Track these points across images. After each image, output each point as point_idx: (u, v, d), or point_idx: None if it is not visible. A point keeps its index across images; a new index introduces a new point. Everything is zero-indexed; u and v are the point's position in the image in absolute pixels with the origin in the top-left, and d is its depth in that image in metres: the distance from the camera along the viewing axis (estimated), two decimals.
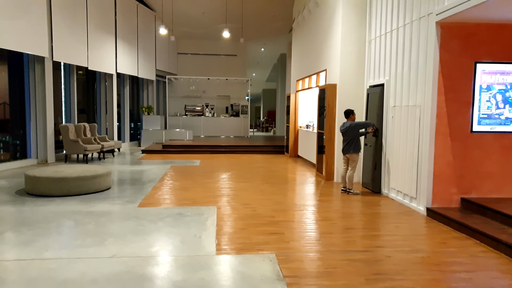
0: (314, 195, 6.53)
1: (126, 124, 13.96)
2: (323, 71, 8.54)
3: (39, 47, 8.90)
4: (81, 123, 10.46)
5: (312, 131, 9.80)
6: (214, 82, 17.77)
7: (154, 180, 7.47)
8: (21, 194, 6.07)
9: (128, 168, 8.95)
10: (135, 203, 5.62)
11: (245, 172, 8.68)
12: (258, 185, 7.11)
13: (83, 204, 5.48)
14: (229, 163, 10.06)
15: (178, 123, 16.10)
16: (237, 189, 6.75)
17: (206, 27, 16.06)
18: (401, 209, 5.54)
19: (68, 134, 9.61)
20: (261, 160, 10.79)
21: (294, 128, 11.43)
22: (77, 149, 9.56)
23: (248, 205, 5.59)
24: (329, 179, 7.73)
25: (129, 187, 6.78)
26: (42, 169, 6.38)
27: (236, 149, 12.62)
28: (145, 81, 15.56)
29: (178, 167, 9.20)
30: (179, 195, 6.23)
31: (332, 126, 7.65)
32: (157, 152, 12.11)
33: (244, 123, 16.55)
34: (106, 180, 6.45)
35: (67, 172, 6.13)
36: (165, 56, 16.49)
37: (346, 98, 7.48)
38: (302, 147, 10.99)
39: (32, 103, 9.32)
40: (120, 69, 12.73)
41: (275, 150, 12.65)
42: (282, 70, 19.44)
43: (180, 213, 5.08)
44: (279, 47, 18.88)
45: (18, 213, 5.02)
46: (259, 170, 8.99)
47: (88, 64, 10.84)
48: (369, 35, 7.18)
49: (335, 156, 7.64)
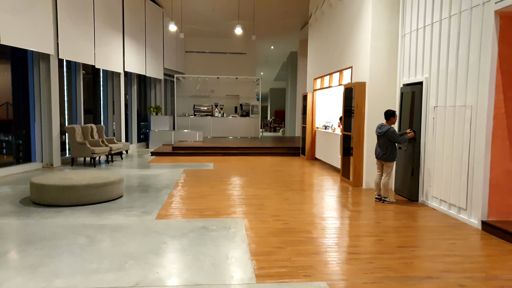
0: (346, 204, 5.96)
1: (134, 125, 13.43)
2: (348, 68, 7.96)
3: (44, 44, 8.37)
4: (88, 124, 9.92)
5: (333, 133, 9.23)
6: (222, 81, 17.22)
7: (169, 186, 6.92)
8: (26, 203, 5.53)
9: (139, 173, 8.41)
10: (152, 214, 5.07)
11: (264, 177, 8.12)
12: (281, 192, 6.54)
13: (95, 216, 4.93)
14: (244, 167, 9.50)
15: (186, 124, 15.56)
16: (260, 197, 6.19)
17: (215, 24, 15.51)
18: (449, 221, 4.96)
19: (75, 136, 9.08)
20: (277, 163, 10.23)
21: (311, 129, 10.86)
22: (84, 152, 9.02)
23: (277, 217, 5.03)
24: (357, 185, 7.16)
25: (143, 194, 6.23)
26: (49, 175, 5.84)
27: (249, 151, 12.06)
28: (153, 80, 15.02)
29: (192, 172, 8.65)
30: (198, 204, 5.68)
31: (361, 127, 7.07)
32: (167, 154, 11.57)
33: (254, 124, 15.99)
34: (118, 188, 5.91)
35: (76, 179, 5.58)
36: (172, 55, 15.95)
37: (376, 97, 6.91)
38: (320, 149, 10.42)
39: (36, 103, 8.79)
40: (128, 68, 12.19)
41: (290, 152, 12.08)
42: (293, 69, 18.87)
43: (204, 227, 4.52)
44: (289, 45, 18.33)
45: (23, 228, 4.48)
46: (278, 175, 8.43)
47: (95, 62, 10.31)
48: (402, 29, 6.60)
49: (364, 160, 7.07)
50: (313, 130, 10.85)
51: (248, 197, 6.17)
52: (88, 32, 9.93)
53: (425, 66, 5.87)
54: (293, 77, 18.84)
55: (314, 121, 10.83)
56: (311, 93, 10.82)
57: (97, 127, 10.28)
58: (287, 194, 6.41)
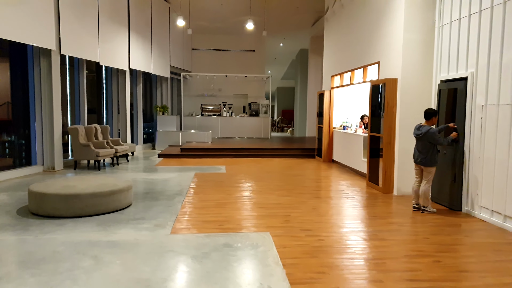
0: (382, 215, 5.32)
1: (139, 125, 12.83)
2: (375, 64, 7.32)
3: (45, 39, 7.77)
4: (92, 124, 9.33)
5: (354, 133, 8.59)
6: (230, 79, 16.60)
7: (181, 193, 6.31)
8: (24, 214, 4.93)
9: (147, 177, 7.80)
10: (166, 227, 4.46)
11: (282, 181, 7.50)
12: (306, 200, 5.92)
13: (102, 230, 4.32)
14: (259, 170, 8.87)
15: (193, 124, 14.95)
16: (284, 206, 5.57)
17: (224, 20, 14.88)
18: (509, 237, 4.32)
19: (78, 137, 8.48)
20: (292, 166, 9.60)
21: (328, 130, 10.23)
22: (88, 155, 8.42)
23: (309, 231, 4.40)
24: (387, 192, 6.52)
25: (153, 203, 5.61)
26: (49, 183, 5.24)
27: (261, 152, 11.44)
28: (159, 78, 14.42)
29: (204, 175, 8.04)
30: (216, 214, 5.06)
31: (392, 128, 6.43)
32: (175, 156, 10.96)
33: (264, 124, 15.37)
34: (126, 196, 5.30)
35: (79, 187, 4.98)
36: (179, 52, 15.34)
37: (410, 95, 6.26)
38: (338, 151, 9.78)
39: (37, 103, 8.20)
40: (133, 65, 11.59)
41: (304, 154, 11.44)
42: (303, 67, 18.23)
43: (227, 244, 3.90)
44: (299, 42, 17.68)
45: (19, 246, 3.87)
46: (298, 179, 7.80)
47: (99, 59, 9.71)
48: (440, 19, 5.96)
49: (396, 164, 6.43)
50: (331, 131, 10.21)
51: (271, 206, 5.55)
52: (91, 27, 9.33)
53: (471, 60, 5.23)
54: (304, 75, 18.20)
55: (332, 121, 10.19)
56: (328, 91, 10.18)
57: (101, 127, 9.68)
58: (313, 203, 5.78)
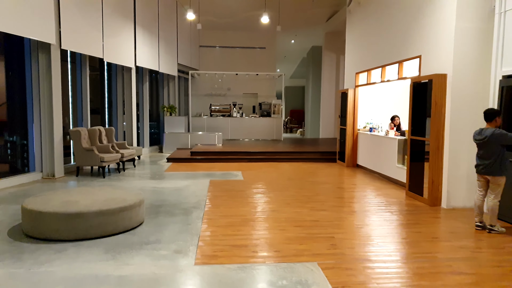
0: (442, 236, 4.47)
1: (146, 126, 12.03)
2: (414, 58, 6.49)
3: (44, 32, 6.97)
4: (96, 126, 8.53)
5: (385, 136, 7.76)
6: (239, 78, 15.79)
7: (199, 205, 5.50)
8: (17, 235, 4.13)
9: (157, 186, 6.99)
10: (189, 255, 3.64)
11: (309, 191, 6.68)
12: (345, 216, 5.10)
13: (111, 259, 3.51)
14: (279, 176, 8.05)
15: (201, 125, 14.13)
16: (323, 223, 4.74)
17: (233, 15, 14.05)
18: None
19: (81, 140, 7.68)
20: (315, 172, 8.78)
21: (352, 132, 9.40)
22: (91, 160, 7.62)
23: (366, 261, 3.58)
24: (434, 204, 5.69)
25: (169, 219, 4.80)
26: (47, 197, 4.43)
27: (276, 156, 10.62)
28: (165, 77, 13.62)
29: (220, 183, 7.23)
30: (245, 235, 4.24)
31: (441, 131, 5.60)
32: (185, 161, 10.15)
33: (276, 125, 14.54)
34: (138, 213, 4.49)
35: (83, 203, 4.17)
36: (187, 49, 14.53)
37: (463, 93, 5.44)
38: (364, 156, 8.95)
39: (35, 102, 7.40)
40: (139, 62, 10.79)
41: (323, 157, 10.61)
42: (315, 65, 17.40)
43: (270, 282, 3.09)
44: (311, 38, 16.86)
45: (6, 284, 3.06)
46: (326, 189, 6.98)
47: (103, 55, 8.91)
48: (501, 4, 5.13)
49: (445, 173, 5.60)
50: (355, 133, 9.38)
51: (307, 224, 4.72)
52: (95, 20, 8.52)
53: None
54: (316, 74, 17.37)
55: (356, 122, 9.36)
56: (352, 89, 9.35)
57: (105, 130, 8.88)
58: (353, 219, 4.96)
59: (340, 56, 15.46)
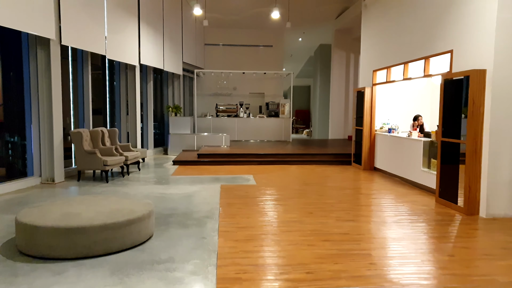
0: (495, 253, 3.95)
1: (150, 127, 11.53)
2: (445, 53, 5.97)
3: (43, 26, 6.48)
4: (98, 128, 8.03)
5: (409, 138, 7.24)
6: (247, 77, 15.29)
7: (212, 214, 4.99)
8: (10, 252, 3.62)
9: (165, 191, 6.49)
10: (208, 278, 3.13)
11: (330, 197, 6.17)
12: (378, 228, 4.58)
13: (119, 284, 3.00)
14: (294, 181, 7.54)
15: (207, 126, 13.63)
16: (353, 236, 4.23)
17: (239, 12, 13.55)
18: None
19: (82, 143, 7.18)
20: (330, 176, 8.26)
21: (369, 133, 8.88)
22: (94, 164, 7.12)
23: (418, 286, 3.07)
24: (471, 213, 5.17)
25: (181, 232, 4.30)
26: (44, 208, 3.92)
27: (287, 158, 10.11)
28: (170, 76, 13.12)
29: (232, 189, 6.72)
30: (270, 252, 3.73)
31: (479, 132, 5.08)
32: (191, 163, 9.64)
33: (285, 125, 14.02)
34: (148, 225, 3.98)
35: (85, 215, 3.67)
36: (191, 47, 14.04)
37: (505, 90, 4.92)
38: (382, 158, 8.44)
39: (33, 102, 6.91)
40: (144, 60, 10.29)
41: (337, 160, 10.08)
42: (323, 63, 16.89)
43: None
44: (319, 36, 16.35)
45: None
46: (347, 195, 6.46)
47: (106, 52, 8.41)
48: None
49: (484, 178, 5.08)
50: (372, 134, 8.86)
51: (336, 237, 4.21)
52: (97, 15, 8.03)
53: None
54: (325, 73, 16.87)
55: (374, 123, 8.84)
56: (369, 88, 8.84)
57: (108, 131, 8.39)
58: (387, 231, 4.45)
59: (351, 54, 14.96)
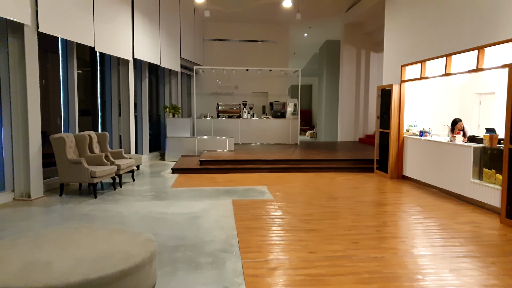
0: None
1: (145, 130, 10.33)
2: (506, 42, 4.90)
3: (15, 9, 5.28)
4: (85, 132, 6.85)
5: (452, 143, 6.17)
6: (249, 75, 14.16)
7: (229, 247, 3.84)
8: None
9: (167, 210, 5.32)
10: None
11: (371, 218, 5.05)
12: (456, 265, 3.47)
13: None
14: (317, 194, 6.42)
15: (207, 128, 12.45)
16: (435, 283, 3.12)
17: (242, 4, 12.40)
18: None
19: (65, 150, 5.98)
20: (358, 187, 7.16)
21: (397, 136, 7.81)
22: (79, 176, 5.92)
23: None
24: None
25: (193, 278, 3.14)
26: (2, 255, 2.74)
27: (301, 164, 8.98)
28: (167, 73, 11.93)
29: (246, 205, 5.58)
30: None
31: None
32: (193, 171, 8.47)
33: (292, 127, 12.90)
34: (149, 274, 2.82)
35: (58, 265, 2.48)
36: (190, 42, 12.86)
37: None
38: (414, 165, 7.36)
39: (4, 101, 5.70)
40: (138, 55, 9.11)
41: (356, 166, 8.97)
42: (331, 60, 15.85)
43: None
44: (326, 31, 15.29)
45: None
46: (390, 213, 5.35)
47: (94, 43, 7.22)
48: None
49: None
50: (401, 137, 7.78)
51: (412, 284, 3.09)
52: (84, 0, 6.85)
53: None
54: (332, 70, 15.81)
55: (402, 125, 7.77)
56: (397, 85, 7.76)
57: (97, 135, 7.20)
58: (472, 271, 3.35)
59: (362, 51, 13.90)
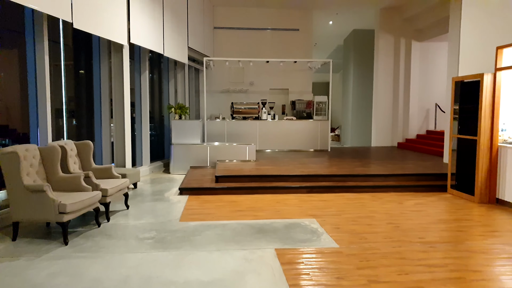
0: None
1: (145, 135, 8.27)
2: None
3: None
4: (57, 141, 4.79)
5: None
6: (266, 70, 12.10)
7: None
8: None
9: (175, 274, 3.23)
10: None
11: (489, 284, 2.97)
12: None
13: None
14: (395, 232, 4.32)
15: (220, 131, 10.37)
16: None
17: None
18: None
19: (20, 172, 3.92)
20: (443, 218, 5.06)
21: (489, 145, 5.70)
22: (42, 211, 3.86)
23: None
24: None
25: None
26: None
27: (349, 182, 6.84)
28: (172, 65, 9.87)
29: (298, 259, 3.50)
30: None
31: None
32: (207, 191, 6.38)
33: (322, 130, 10.80)
34: None
35: None
36: (199, 30, 10.79)
37: None
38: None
39: None
40: (135, 39, 7.05)
41: (420, 184, 6.86)
42: (358, 53, 13.75)
43: None
44: (354, 19, 13.14)
45: None
46: None
47: (72, 17, 5.17)
48: None
49: None
50: (494, 147, 5.67)
51: None
52: None
53: None
54: (360, 64, 13.72)
55: (497, 130, 5.66)
56: (491, 75, 5.65)
57: (77, 146, 5.14)
58: None
59: (401, 39, 11.76)
